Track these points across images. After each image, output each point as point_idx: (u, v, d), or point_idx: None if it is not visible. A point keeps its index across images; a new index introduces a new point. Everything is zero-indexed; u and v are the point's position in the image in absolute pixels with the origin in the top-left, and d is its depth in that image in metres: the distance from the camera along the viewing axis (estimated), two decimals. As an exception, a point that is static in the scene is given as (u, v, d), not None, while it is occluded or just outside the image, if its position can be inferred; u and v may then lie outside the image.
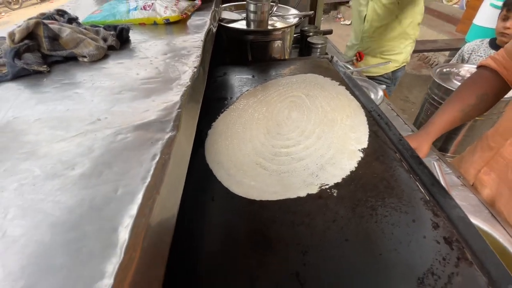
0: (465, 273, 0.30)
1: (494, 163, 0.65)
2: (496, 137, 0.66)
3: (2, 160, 0.23)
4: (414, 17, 1.24)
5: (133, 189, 0.20)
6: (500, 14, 1.14)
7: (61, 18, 0.49)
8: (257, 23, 0.87)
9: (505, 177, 0.62)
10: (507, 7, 1.12)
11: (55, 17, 0.49)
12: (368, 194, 0.39)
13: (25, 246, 0.16)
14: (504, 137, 0.63)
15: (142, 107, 0.30)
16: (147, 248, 0.17)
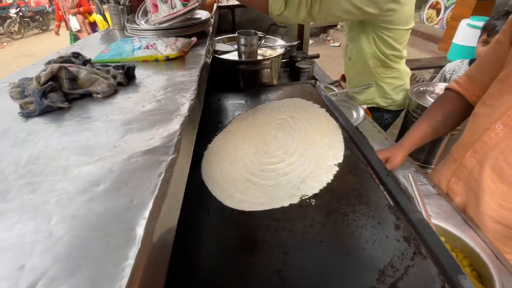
0: (419, 265, 0.36)
1: (460, 173, 0.71)
2: (459, 150, 0.73)
3: (41, 182, 0.29)
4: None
5: (145, 199, 0.26)
6: (480, 38, 1.24)
7: (77, 60, 0.58)
8: (248, 54, 0.97)
9: (470, 186, 0.68)
10: (488, 32, 1.21)
11: (71, 59, 0.57)
12: (341, 203, 0.46)
13: (68, 241, 0.23)
14: (465, 149, 0.69)
15: (149, 135, 0.37)
16: (157, 241, 0.24)
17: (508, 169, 0.59)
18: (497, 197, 0.62)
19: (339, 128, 0.65)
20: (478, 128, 0.65)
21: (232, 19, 1.56)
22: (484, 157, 0.63)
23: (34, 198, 0.27)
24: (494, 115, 0.61)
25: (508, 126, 0.58)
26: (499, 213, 0.63)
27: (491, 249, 0.61)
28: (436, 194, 0.74)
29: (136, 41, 0.73)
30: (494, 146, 0.61)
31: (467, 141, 0.69)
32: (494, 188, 0.62)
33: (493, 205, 0.63)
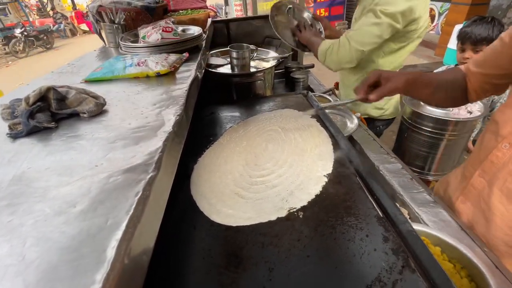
0: (408, 279, 0.35)
1: (468, 193, 0.67)
2: (468, 167, 0.69)
3: (21, 203, 0.29)
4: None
5: (119, 219, 0.26)
6: (457, 46, 1.27)
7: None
8: (240, 67, 0.98)
9: (479, 206, 0.64)
10: (461, 40, 1.25)
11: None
12: (329, 215, 0.45)
13: (39, 265, 0.23)
14: (474, 167, 0.65)
15: (131, 153, 0.37)
16: (129, 263, 0.23)
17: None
18: (508, 220, 0.58)
19: (330, 138, 0.65)
20: (487, 146, 0.62)
21: (227, 32, 1.59)
22: (493, 178, 0.60)
23: (12, 220, 0.28)
24: (501, 133, 0.58)
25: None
26: (509, 237, 0.59)
27: (490, 258, 0.59)
28: (432, 202, 0.73)
29: (128, 58, 0.75)
30: (502, 167, 0.58)
31: (476, 158, 0.66)
32: (504, 211, 0.58)
33: (505, 229, 0.59)
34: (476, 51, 1.19)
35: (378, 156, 0.93)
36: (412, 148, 1.27)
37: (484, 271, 0.52)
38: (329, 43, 1.03)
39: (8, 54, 7.85)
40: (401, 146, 1.34)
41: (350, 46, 0.98)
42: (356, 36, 0.97)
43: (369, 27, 0.96)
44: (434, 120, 1.14)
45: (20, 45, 7.83)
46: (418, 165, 1.26)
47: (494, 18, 1.19)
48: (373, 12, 0.95)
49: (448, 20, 3.87)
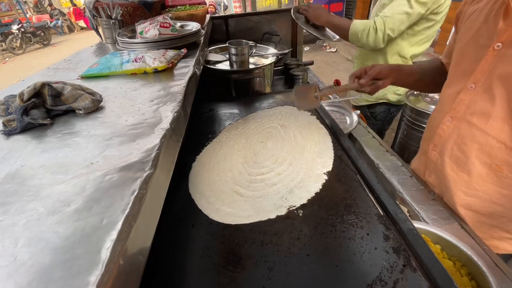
0: (409, 278, 0.35)
1: (429, 166, 0.74)
2: (423, 143, 0.77)
3: (13, 202, 0.29)
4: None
5: (114, 219, 0.25)
6: None
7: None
8: (239, 64, 0.97)
9: (439, 177, 0.70)
10: None
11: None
12: (329, 213, 0.45)
13: (31, 266, 0.22)
14: (427, 143, 0.72)
15: (128, 150, 0.37)
16: (124, 263, 0.23)
17: (463, 157, 0.62)
18: (460, 185, 0.65)
19: (329, 135, 0.65)
20: (434, 122, 0.70)
21: (226, 29, 1.57)
22: (442, 149, 0.67)
23: (4, 220, 0.27)
24: (444, 109, 0.66)
25: (455, 118, 0.63)
26: (466, 201, 0.66)
27: (490, 256, 0.59)
28: (432, 200, 0.73)
29: (125, 54, 0.74)
30: (448, 138, 0.65)
31: (428, 135, 0.73)
32: (455, 177, 0.65)
33: (459, 194, 0.66)
34: None
35: (378, 154, 0.93)
36: (411, 146, 1.27)
37: (484, 269, 0.52)
38: (362, 25, 1.10)
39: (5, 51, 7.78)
40: (400, 143, 1.34)
41: (384, 32, 1.06)
42: (389, 23, 1.05)
43: (401, 16, 1.04)
44: (434, 117, 1.14)
45: (17, 42, 7.75)
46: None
47: None
48: (407, 1, 1.03)
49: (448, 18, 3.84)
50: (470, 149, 0.61)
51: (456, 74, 0.64)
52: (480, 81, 0.57)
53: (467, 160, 0.62)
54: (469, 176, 0.63)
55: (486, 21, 0.57)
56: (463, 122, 0.61)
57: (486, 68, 0.56)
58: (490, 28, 0.56)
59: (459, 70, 0.63)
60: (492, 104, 0.55)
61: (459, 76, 0.63)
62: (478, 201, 0.64)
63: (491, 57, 0.55)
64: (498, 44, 0.53)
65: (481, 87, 0.57)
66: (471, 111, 0.60)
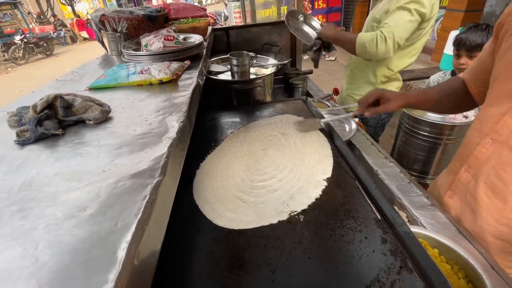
0: (406, 279, 0.37)
1: (455, 187, 0.70)
2: (455, 162, 0.72)
3: (32, 208, 0.31)
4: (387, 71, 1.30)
5: (128, 222, 0.27)
6: (453, 52, 1.30)
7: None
8: (240, 74, 1.00)
9: (466, 200, 0.67)
10: (456, 47, 1.28)
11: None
12: (329, 218, 0.46)
13: (52, 266, 0.24)
14: (460, 162, 0.68)
15: (138, 159, 0.39)
16: (138, 264, 0.25)
17: (500, 184, 0.58)
18: (493, 212, 0.61)
19: (328, 143, 0.67)
20: (471, 142, 0.65)
21: (227, 40, 1.62)
22: (478, 172, 0.63)
23: (24, 224, 0.29)
24: (484, 130, 0.62)
25: (497, 142, 0.58)
26: (497, 229, 0.62)
27: (487, 259, 0.60)
28: (430, 205, 0.74)
29: (131, 66, 0.77)
30: (485, 161, 0.61)
31: (462, 154, 0.69)
32: (489, 203, 0.61)
33: (490, 221, 0.62)
34: (471, 57, 1.22)
35: (377, 160, 0.95)
36: (410, 153, 1.29)
37: (481, 272, 0.53)
38: (369, 36, 1.13)
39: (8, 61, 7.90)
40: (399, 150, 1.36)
41: (394, 40, 1.10)
42: (397, 32, 1.09)
43: (405, 24, 1.09)
44: (431, 124, 1.16)
45: (19, 52, 7.88)
46: (416, 169, 1.28)
47: (488, 25, 1.22)
48: (407, 10, 1.08)
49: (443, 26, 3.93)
50: (510, 176, 0.57)
51: (500, 93, 0.59)
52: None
53: (504, 187, 0.58)
54: (504, 204, 0.59)
55: None
56: (506, 147, 0.57)
57: None
58: None
59: (504, 89, 0.58)
60: None
61: (504, 95, 0.58)
62: (510, 231, 0.61)
63: None
64: None
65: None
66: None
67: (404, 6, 1.08)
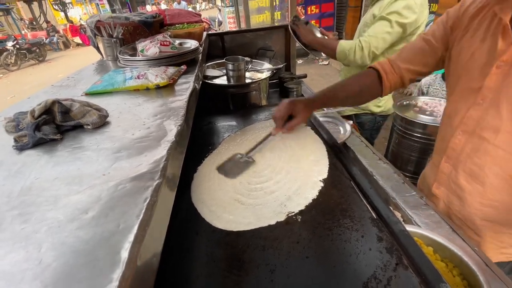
0: (401, 276, 0.38)
1: (440, 179, 0.76)
2: (436, 156, 0.79)
3: (33, 212, 0.31)
4: None
5: (130, 224, 0.28)
6: None
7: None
8: (236, 78, 1.02)
9: (451, 188, 0.73)
10: None
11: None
12: (326, 217, 0.47)
13: (56, 268, 0.24)
14: (440, 155, 0.75)
15: (137, 162, 0.39)
16: (141, 265, 0.25)
17: (476, 169, 0.65)
18: (476, 196, 0.67)
19: (323, 145, 0.68)
20: (446, 135, 0.72)
21: (222, 45, 1.63)
22: (456, 162, 0.70)
23: (25, 228, 0.29)
24: (454, 124, 0.68)
25: (467, 133, 0.65)
26: (482, 211, 0.68)
27: (480, 256, 0.62)
28: (424, 205, 0.76)
29: (128, 71, 0.77)
30: (461, 151, 0.68)
31: (440, 147, 0.76)
32: (471, 189, 0.68)
33: (475, 204, 0.68)
34: None
35: (371, 162, 0.97)
36: (404, 154, 1.31)
37: (475, 269, 0.55)
38: (348, 45, 1.19)
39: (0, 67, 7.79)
40: (392, 152, 1.38)
41: (369, 50, 1.15)
42: (373, 42, 1.14)
43: (383, 35, 1.13)
44: (423, 126, 1.19)
45: (11, 58, 7.79)
46: (409, 170, 1.30)
47: None
48: (387, 21, 1.11)
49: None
50: (483, 161, 0.63)
51: (463, 91, 0.66)
52: (488, 97, 0.60)
53: (480, 172, 0.64)
54: (483, 187, 0.65)
55: (484, 40, 0.60)
56: (474, 136, 0.64)
57: (492, 85, 0.59)
58: (491, 47, 0.59)
59: (465, 86, 0.65)
60: (500, 119, 0.58)
61: (466, 92, 0.65)
62: (495, 211, 0.66)
63: (495, 75, 0.58)
64: (500, 63, 0.57)
65: (489, 104, 0.60)
66: (481, 126, 0.62)
67: (386, 16, 1.12)
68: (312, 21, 6.17)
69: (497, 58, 0.57)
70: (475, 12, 0.63)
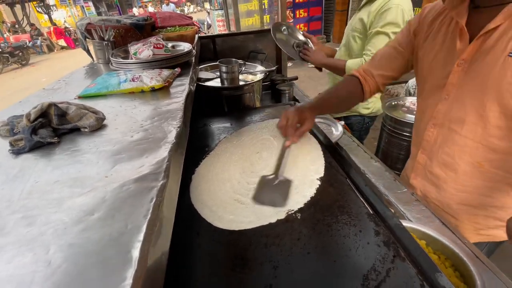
0: (399, 267, 0.39)
1: (417, 170, 0.82)
2: (413, 148, 0.85)
3: (36, 215, 0.31)
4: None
5: (138, 224, 0.28)
6: None
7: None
8: (230, 81, 1.02)
9: (426, 178, 0.79)
10: None
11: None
12: (324, 214, 0.49)
13: (66, 268, 0.24)
14: (416, 147, 0.81)
15: (138, 164, 0.39)
16: (151, 263, 0.25)
17: (448, 158, 0.71)
18: (450, 182, 0.73)
19: (319, 144, 0.70)
20: (419, 129, 0.79)
21: (214, 47, 1.64)
22: (430, 153, 0.76)
23: (30, 230, 0.29)
24: (425, 118, 0.75)
25: (437, 125, 0.72)
26: (458, 196, 0.74)
27: (470, 249, 0.65)
28: (415, 201, 0.79)
29: (122, 74, 0.77)
30: (434, 142, 0.74)
31: (416, 140, 0.82)
32: (445, 177, 0.74)
33: (451, 190, 0.74)
34: None
35: (363, 160, 0.99)
36: (393, 153, 1.35)
37: (466, 260, 0.57)
38: (355, 64, 1.20)
39: (-19, 72, 7.50)
40: (383, 151, 1.42)
41: None
42: None
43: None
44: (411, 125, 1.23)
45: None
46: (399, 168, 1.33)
47: None
48: (385, 34, 1.14)
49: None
50: (453, 150, 0.69)
51: (430, 88, 0.73)
52: (452, 92, 0.66)
53: (452, 160, 0.70)
54: (456, 174, 0.71)
55: (444, 42, 0.67)
56: (444, 128, 0.70)
57: (455, 82, 0.65)
58: (450, 48, 0.66)
59: (432, 84, 0.73)
60: (464, 112, 0.64)
61: (433, 89, 0.72)
62: (469, 195, 0.72)
63: (456, 72, 0.64)
64: (461, 62, 0.63)
65: (454, 98, 0.66)
66: (449, 118, 0.68)
67: (381, 30, 1.15)
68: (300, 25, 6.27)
69: (457, 57, 0.63)
70: (433, 18, 0.71)
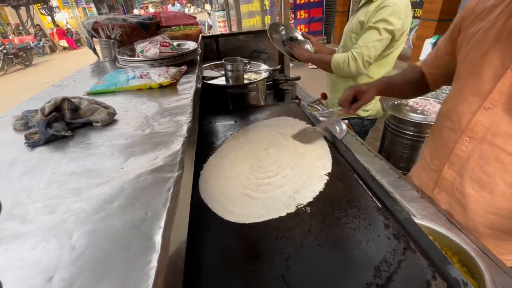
0: (410, 259, 0.40)
1: (441, 185, 0.74)
2: (434, 160, 0.76)
3: (58, 204, 0.31)
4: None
5: (158, 211, 0.29)
6: None
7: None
8: (235, 79, 1.03)
9: (453, 196, 0.71)
10: None
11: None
12: (334, 208, 0.49)
13: (91, 253, 0.25)
14: (442, 161, 0.72)
15: (153, 156, 0.40)
16: (173, 249, 0.26)
17: (486, 177, 0.63)
18: (482, 204, 0.65)
19: (325, 141, 0.70)
20: (448, 141, 0.69)
21: (217, 47, 1.65)
22: (462, 169, 0.67)
23: (52, 218, 0.29)
24: (458, 129, 0.65)
25: (474, 139, 0.62)
26: (487, 219, 0.66)
27: (477, 245, 0.65)
28: (420, 198, 0.79)
29: (130, 71, 0.78)
30: (467, 158, 0.65)
31: (441, 153, 0.73)
32: (477, 197, 0.66)
33: (481, 212, 0.66)
34: None
35: (367, 158, 1.00)
36: (396, 152, 1.36)
37: (474, 255, 0.57)
38: (341, 57, 1.24)
39: (-14, 72, 7.52)
40: (386, 150, 1.43)
41: (363, 59, 1.19)
42: (365, 51, 1.18)
43: (374, 43, 1.17)
44: (415, 124, 1.24)
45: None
46: (402, 167, 1.34)
47: None
48: (376, 29, 1.15)
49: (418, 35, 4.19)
50: (494, 169, 0.61)
51: (466, 93, 0.63)
52: (500, 102, 0.57)
53: (490, 180, 0.62)
54: (492, 195, 0.63)
55: (499, 41, 0.56)
56: (485, 143, 0.61)
57: (505, 90, 0.55)
58: (506, 49, 0.55)
59: (469, 88, 0.62)
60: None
61: (470, 94, 0.62)
62: (500, 219, 0.65)
63: (509, 78, 0.54)
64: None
65: (501, 108, 0.56)
66: (492, 132, 0.59)
67: (373, 25, 1.16)
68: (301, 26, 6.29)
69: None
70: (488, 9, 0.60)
